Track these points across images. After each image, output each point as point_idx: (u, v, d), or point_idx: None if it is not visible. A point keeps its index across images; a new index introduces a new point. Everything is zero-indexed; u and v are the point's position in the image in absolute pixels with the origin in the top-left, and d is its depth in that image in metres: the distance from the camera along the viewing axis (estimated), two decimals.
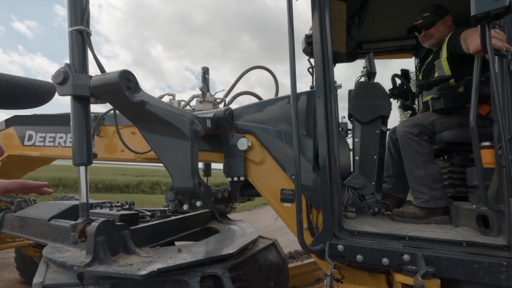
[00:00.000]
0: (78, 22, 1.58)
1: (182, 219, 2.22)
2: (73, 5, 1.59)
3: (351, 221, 1.48)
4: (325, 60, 1.38)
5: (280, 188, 1.77)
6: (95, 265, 1.36)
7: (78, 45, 1.58)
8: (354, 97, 1.80)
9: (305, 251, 1.31)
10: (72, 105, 1.55)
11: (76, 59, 1.57)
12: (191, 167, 1.53)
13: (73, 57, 1.57)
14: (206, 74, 2.77)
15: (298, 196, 1.30)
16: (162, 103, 1.57)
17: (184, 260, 1.46)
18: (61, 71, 1.51)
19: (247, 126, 1.90)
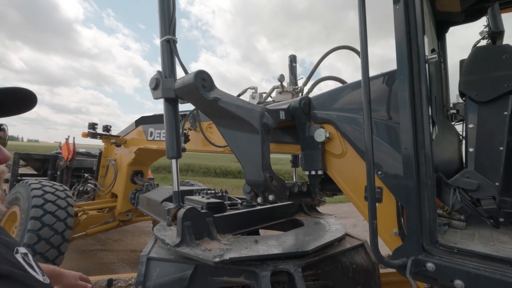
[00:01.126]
0: (166, 32, 1.79)
1: (267, 209, 2.27)
2: (162, 18, 1.81)
3: (453, 235, 1.14)
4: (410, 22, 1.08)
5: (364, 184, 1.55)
6: (183, 246, 1.55)
7: (167, 52, 1.80)
8: (469, 68, 1.36)
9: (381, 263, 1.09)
10: (164, 107, 1.80)
11: (165, 66, 1.79)
12: (261, 161, 1.52)
13: (163, 64, 1.80)
14: (293, 62, 2.69)
15: (371, 197, 1.10)
16: (234, 98, 1.61)
17: (257, 252, 1.48)
18: (154, 78, 1.76)
19: (325, 115, 1.74)
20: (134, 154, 3.47)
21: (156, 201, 2.58)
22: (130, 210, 3.66)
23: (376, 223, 1.06)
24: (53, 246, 2.73)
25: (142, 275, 1.54)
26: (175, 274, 1.52)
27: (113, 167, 3.75)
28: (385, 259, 1.08)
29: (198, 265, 1.51)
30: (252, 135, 1.55)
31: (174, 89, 1.68)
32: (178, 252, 1.53)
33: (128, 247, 4.77)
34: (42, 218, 2.74)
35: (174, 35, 1.81)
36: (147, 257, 1.61)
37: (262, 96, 2.36)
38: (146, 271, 1.56)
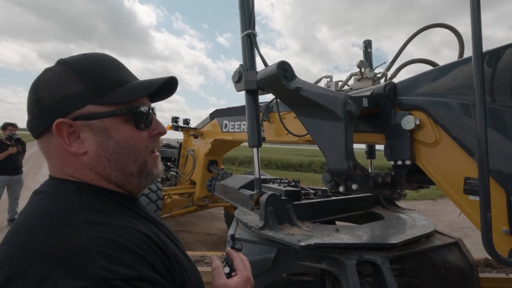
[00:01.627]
0: (247, 27, 1.88)
1: (343, 200, 2.23)
2: (242, 14, 1.91)
3: None
4: None
5: (463, 176, 1.40)
6: (266, 229, 1.64)
7: (248, 46, 1.89)
8: None
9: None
10: (246, 98, 1.90)
11: (246, 59, 1.89)
12: (345, 149, 1.50)
13: (244, 57, 1.90)
14: (368, 47, 2.55)
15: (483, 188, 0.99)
16: (316, 87, 1.61)
17: (340, 240, 1.48)
18: (237, 72, 1.87)
19: (415, 101, 1.61)
20: (210, 145, 3.77)
21: (233, 188, 2.77)
22: (206, 196, 4.00)
23: (490, 215, 0.95)
24: None
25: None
26: (259, 255, 1.62)
27: (191, 156, 4.13)
28: (501, 256, 0.97)
29: (280, 249, 1.58)
30: (335, 123, 1.54)
31: (256, 81, 1.76)
32: (262, 235, 1.62)
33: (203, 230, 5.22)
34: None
35: (254, 29, 1.89)
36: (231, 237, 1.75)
37: (338, 84, 2.30)
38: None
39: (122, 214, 0.64)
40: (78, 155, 0.65)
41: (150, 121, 0.74)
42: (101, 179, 0.68)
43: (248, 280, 0.87)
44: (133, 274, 0.51)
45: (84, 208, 0.58)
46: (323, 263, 1.52)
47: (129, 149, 0.68)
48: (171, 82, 0.75)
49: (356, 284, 1.31)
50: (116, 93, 0.67)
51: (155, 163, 0.77)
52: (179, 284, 0.63)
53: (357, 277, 1.33)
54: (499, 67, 1.22)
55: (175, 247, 0.73)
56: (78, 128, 0.64)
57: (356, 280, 1.32)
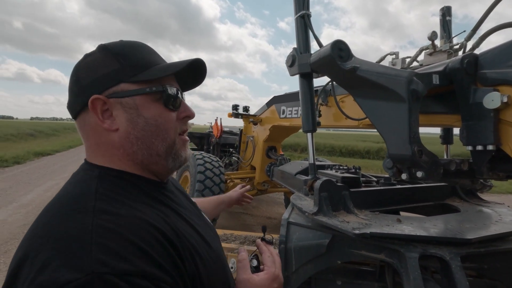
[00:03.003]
0: (301, 8, 1.82)
1: (410, 189, 2.03)
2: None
3: None
4: None
5: None
6: (320, 215, 1.62)
7: (302, 28, 1.83)
8: None
9: None
10: (300, 82, 1.86)
11: (300, 42, 1.84)
12: (408, 133, 1.36)
13: (298, 40, 1.85)
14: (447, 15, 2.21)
15: None
16: (375, 65, 1.49)
17: (401, 231, 1.37)
18: (290, 56, 1.84)
19: (503, 74, 1.35)
20: (268, 131, 3.82)
21: (290, 173, 2.78)
22: (266, 181, 4.11)
23: None
24: None
25: (284, 236, 1.73)
26: (313, 240, 1.62)
27: (251, 143, 4.27)
28: None
29: (335, 235, 1.55)
30: (397, 104, 1.40)
31: (310, 64, 1.71)
32: (315, 220, 1.61)
33: (264, 214, 5.40)
34: (204, 182, 3.49)
35: (308, 9, 1.81)
36: (287, 221, 1.78)
37: (405, 61, 2.06)
38: (287, 233, 1.73)
39: (140, 203, 0.63)
40: (110, 132, 0.68)
41: (179, 103, 0.76)
42: (128, 160, 0.69)
43: (276, 277, 0.82)
44: (130, 269, 0.49)
45: (100, 195, 0.59)
46: (381, 254, 1.43)
47: (157, 127, 0.70)
48: (199, 65, 0.78)
49: (418, 279, 1.21)
50: (147, 72, 0.70)
51: (184, 146, 0.78)
52: (190, 277, 0.61)
53: (419, 271, 1.22)
54: None
55: (197, 235, 0.71)
56: (111, 105, 0.67)
57: (418, 274, 1.22)
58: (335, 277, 1.73)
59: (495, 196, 7.75)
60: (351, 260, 1.60)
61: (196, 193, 3.44)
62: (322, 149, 21.33)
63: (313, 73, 1.82)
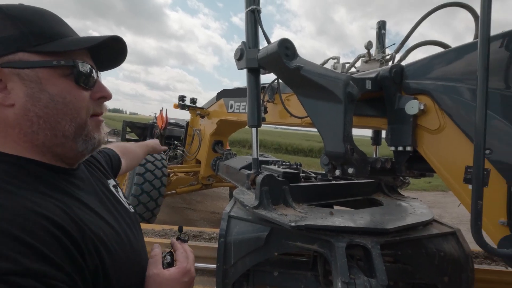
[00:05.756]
0: (251, 2, 1.82)
1: (343, 184, 2.21)
2: None
3: None
4: None
5: (465, 165, 1.35)
6: (260, 209, 1.66)
7: (251, 23, 1.83)
8: None
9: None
10: (247, 77, 1.87)
11: (249, 36, 1.83)
12: (343, 132, 1.47)
13: (247, 34, 1.84)
14: (382, 29, 2.43)
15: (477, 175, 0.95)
16: (317, 67, 1.56)
17: (332, 223, 1.48)
18: (238, 49, 1.83)
19: (421, 85, 1.55)
20: (215, 125, 3.78)
21: (235, 168, 2.79)
22: (211, 175, 4.06)
23: (481, 204, 0.92)
24: (152, 199, 3.27)
25: (224, 230, 1.72)
26: (253, 233, 1.65)
27: (197, 136, 4.17)
28: (489, 246, 0.94)
29: (273, 228, 1.60)
30: (334, 104, 1.49)
31: (258, 59, 1.72)
32: (256, 214, 1.64)
33: (208, 208, 5.34)
34: (144, 175, 3.29)
35: (258, 5, 1.82)
36: (228, 214, 1.78)
37: (345, 66, 2.22)
38: (227, 227, 1.73)
39: (34, 192, 0.57)
40: (3, 108, 0.59)
41: (93, 82, 0.70)
42: (25, 141, 0.62)
43: (187, 272, 0.81)
44: (9, 268, 0.44)
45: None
46: (314, 245, 1.53)
47: (65, 105, 0.63)
48: (117, 43, 0.71)
49: (344, 266, 1.32)
50: (54, 44, 0.63)
51: (98, 127, 0.72)
52: (92, 272, 0.57)
53: (345, 259, 1.33)
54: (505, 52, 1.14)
55: (107, 227, 0.66)
56: (5, 76, 0.59)
57: (344, 262, 1.33)
58: (272, 268, 1.79)
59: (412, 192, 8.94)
60: (288, 251, 1.67)
61: (135, 187, 3.23)
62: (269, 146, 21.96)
63: (261, 69, 1.85)
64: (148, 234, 2.36)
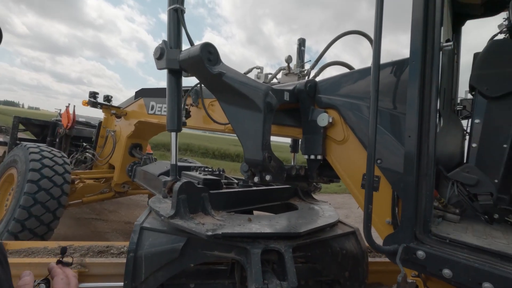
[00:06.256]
0: (174, 1, 1.73)
1: (263, 191, 2.27)
2: None
3: (446, 226, 1.14)
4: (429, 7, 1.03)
5: (362, 172, 1.55)
6: (176, 218, 1.56)
7: (174, 22, 1.74)
8: (482, 62, 1.32)
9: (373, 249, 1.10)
10: (168, 78, 1.76)
11: (171, 36, 1.74)
12: (262, 140, 1.51)
13: (169, 34, 1.75)
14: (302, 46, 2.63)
15: (368, 182, 1.09)
16: (239, 75, 1.58)
17: (249, 230, 1.49)
18: (159, 48, 1.71)
19: (331, 100, 1.72)
20: (133, 127, 3.46)
21: (153, 174, 2.59)
22: (126, 182, 3.68)
23: (371, 208, 1.06)
24: (49, 210, 2.76)
25: (134, 243, 1.56)
26: (167, 245, 1.54)
27: (112, 138, 3.74)
28: (376, 244, 1.09)
29: (190, 238, 1.52)
30: (254, 113, 1.53)
31: (179, 61, 1.64)
32: (171, 224, 1.54)
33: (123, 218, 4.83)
34: (39, 182, 2.76)
35: (182, 4, 1.75)
36: (140, 226, 1.62)
37: (267, 76, 2.32)
38: (138, 240, 1.57)
39: None
40: None
41: None
42: None
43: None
44: None
45: None
46: (231, 252, 1.51)
47: None
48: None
49: (259, 271, 1.34)
50: None
51: None
52: None
53: (260, 265, 1.36)
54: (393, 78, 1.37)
55: None
56: None
57: (259, 268, 1.35)
58: (188, 280, 1.71)
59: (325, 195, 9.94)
60: (205, 261, 1.62)
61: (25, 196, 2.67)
62: (196, 151, 21.41)
63: (183, 72, 1.77)
64: (39, 253, 1.97)
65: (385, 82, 1.44)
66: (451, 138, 1.33)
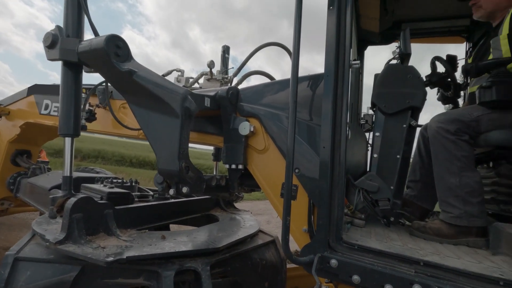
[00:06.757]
0: None
1: (181, 203, 2.10)
2: None
3: (354, 232, 1.22)
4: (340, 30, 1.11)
5: (282, 182, 1.56)
6: (68, 243, 1.27)
7: (73, 7, 1.46)
8: (380, 82, 1.49)
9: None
10: (62, 72, 1.46)
11: (69, 22, 1.45)
12: (178, 149, 1.37)
13: (67, 19, 1.46)
14: (226, 53, 2.58)
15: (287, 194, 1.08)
16: (154, 75, 1.41)
17: (162, 250, 1.32)
18: (50, 34, 1.41)
19: (252, 108, 1.70)
20: (19, 129, 2.80)
21: (43, 188, 2.12)
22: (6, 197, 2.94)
23: (289, 219, 1.05)
24: None
25: (4, 280, 1.21)
26: (53, 278, 1.24)
27: None
28: (293, 256, 1.08)
29: (85, 266, 1.26)
30: (170, 118, 1.38)
31: (78, 52, 1.38)
32: (60, 250, 1.25)
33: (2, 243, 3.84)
34: None
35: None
36: (14, 257, 1.27)
37: (188, 80, 2.18)
38: (10, 275, 1.22)
39: None
40: None
41: None
42: None
43: None
44: None
45: None
46: (140, 278, 1.31)
47: None
48: None
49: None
50: None
51: None
52: None
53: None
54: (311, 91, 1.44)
55: None
56: None
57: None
58: None
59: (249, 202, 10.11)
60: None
61: None
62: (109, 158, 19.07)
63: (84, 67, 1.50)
64: None
65: (303, 95, 1.49)
66: (357, 149, 1.45)
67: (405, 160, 1.41)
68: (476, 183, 1.25)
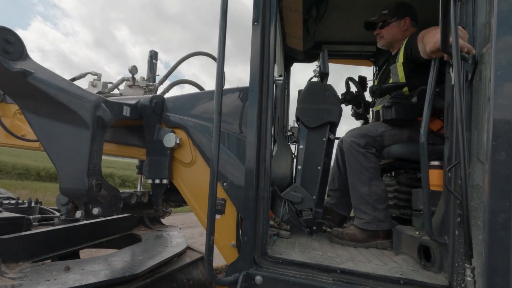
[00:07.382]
0: None
1: (94, 224, 1.84)
2: None
3: (280, 245, 1.24)
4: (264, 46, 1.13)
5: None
6: None
7: None
8: (303, 98, 1.58)
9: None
10: None
11: None
12: (87, 164, 1.19)
13: None
14: (154, 59, 2.42)
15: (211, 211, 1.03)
16: (57, 78, 1.21)
17: (63, 285, 1.11)
18: None
19: (179, 119, 1.60)
20: None
21: None
22: None
23: (213, 239, 0.99)
24: None
25: None
26: None
27: None
28: (218, 277, 1.02)
29: None
30: (78, 129, 1.19)
31: None
32: None
33: None
34: None
35: None
36: None
37: (107, 85, 1.96)
38: None
39: None
40: None
41: None
42: None
43: None
44: None
45: None
46: None
47: None
48: None
49: None
50: None
51: None
52: None
53: None
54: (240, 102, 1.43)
55: None
56: None
57: None
58: None
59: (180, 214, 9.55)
60: None
61: None
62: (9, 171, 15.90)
63: None
64: None
65: (234, 105, 1.47)
66: (283, 161, 1.50)
67: (325, 171, 1.51)
68: (382, 191, 1.41)
